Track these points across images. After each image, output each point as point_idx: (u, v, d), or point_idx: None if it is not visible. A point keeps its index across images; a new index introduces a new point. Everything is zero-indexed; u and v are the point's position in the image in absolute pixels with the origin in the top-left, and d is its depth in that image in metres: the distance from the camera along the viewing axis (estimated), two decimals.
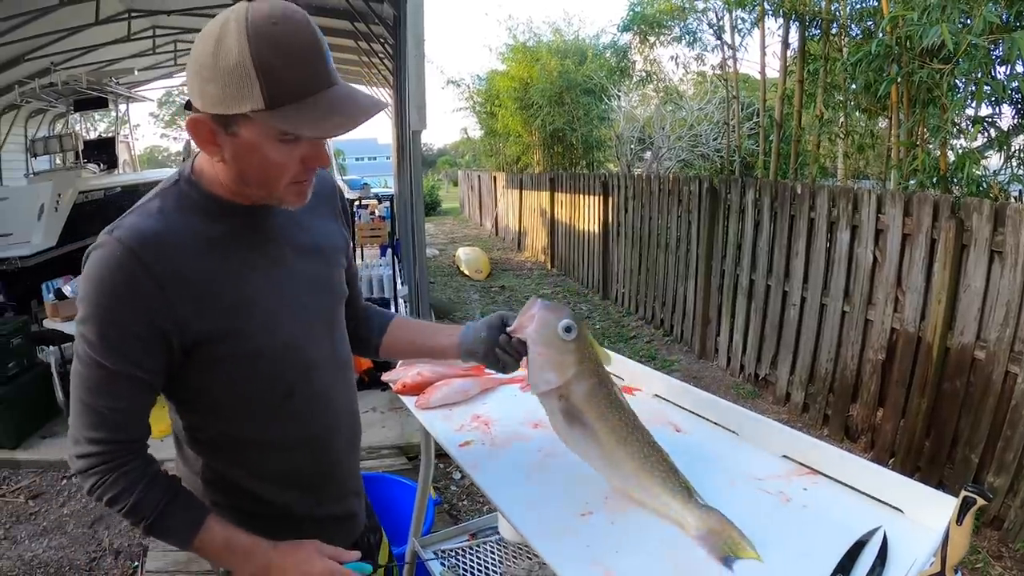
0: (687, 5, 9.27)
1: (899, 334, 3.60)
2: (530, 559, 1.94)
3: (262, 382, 1.06)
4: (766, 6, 6.11)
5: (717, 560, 0.96)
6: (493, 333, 1.19)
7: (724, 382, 5.13)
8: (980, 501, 0.87)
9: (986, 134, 3.90)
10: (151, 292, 0.93)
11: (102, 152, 9.11)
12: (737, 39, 7.85)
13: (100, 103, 9.17)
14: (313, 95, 0.89)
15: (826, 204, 4.09)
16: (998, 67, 3.76)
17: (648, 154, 11.07)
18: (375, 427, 4.05)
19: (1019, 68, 3.72)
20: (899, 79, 4.20)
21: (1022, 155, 3.93)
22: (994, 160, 4.02)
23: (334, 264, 1.19)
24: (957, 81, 3.92)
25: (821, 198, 4.13)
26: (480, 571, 1.95)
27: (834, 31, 5.64)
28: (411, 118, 3.93)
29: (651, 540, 1.02)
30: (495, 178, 15.00)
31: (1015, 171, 3.84)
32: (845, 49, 5.44)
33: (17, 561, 3.06)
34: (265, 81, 0.85)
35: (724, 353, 5.40)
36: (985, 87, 3.66)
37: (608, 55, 13.38)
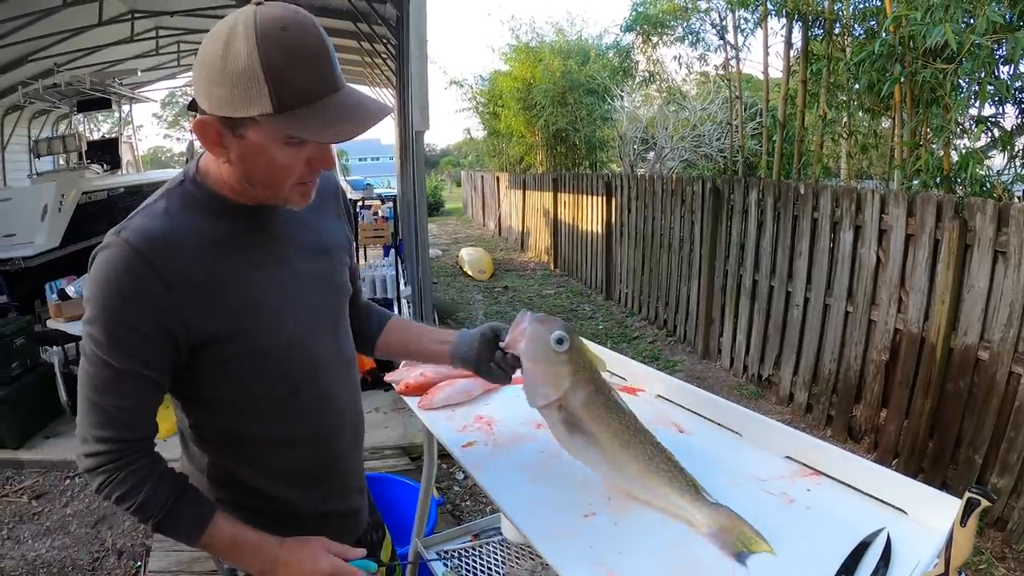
0: (690, 5, 9.23)
1: (902, 334, 3.59)
2: (533, 560, 1.94)
3: (268, 381, 1.07)
4: (769, 6, 6.09)
5: (730, 556, 0.97)
6: (485, 345, 1.22)
7: (727, 382, 5.13)
8: (984, 502, 0.87)
9: (989, 134, 3.88)
10: (158, 293, 0.93)
11: (105, 153, 9.15)
12: (740, 39, 7.78)
13: (103, 104, 9.21)
14: (320, 100, 0.90)
15: (829, 204, 4.08)
16: (1001, 67, 3.75)
17: (651, 154, 11.05)
18: (378, 427, 4.05)
19: (1023, 68, 3.71)
20: (902, 79, 4.19)
21: None
22: (998, 160, 4.00)
23: (338, 262, 1.20)
24: (960, 81, 3.90)
25: (824, 198, 4.13)
26: (483, 572, 1.94)
27: (837, 31, 5.62)
28: (414, 119, 3.93)
29: (654, 541, 1.02)
30: (498, 178, 14.99)
31: (1019, 171, 3.82)
32: (848, 49, 5.42)
33: (20, 561, 3.06)
34: (273, 85, 0.86)
35: (727, 353, 5.39)
36: (988, 87, 3.65)
37: (611, 55, 13.34)
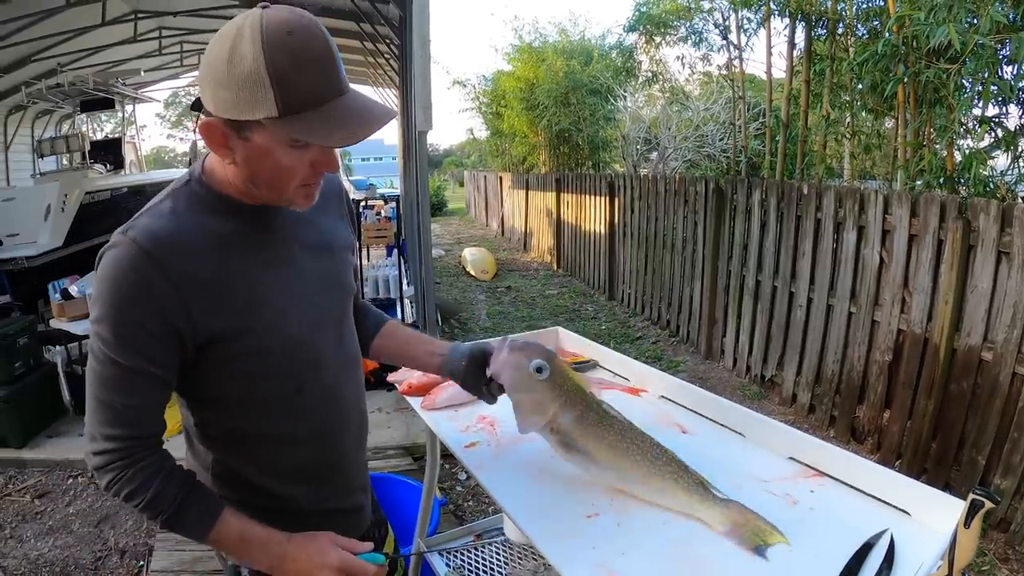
0: (693, 5, 9.22)
1: (906, 335, 3.58)
2: (535, 560, 1.94)
3: (273, 378, 1.07)
4: (772, 6, 6.09)
5: (748, 551, 0.98)
6: (474, 365, 1.26)
7: (730, 383, 5.12)
8: (988, 504, 0.87)
9: (993, 134, 3.88)
10: (165, 292, 0.94)
11: (109, 153, 9.17)
12: (743, 39, 7.79)
13: (106, 104, 9.22)
14: (326, 104, 0.90)
15: (832, 204, 4.08)
16: (1005, 67, 3.74)
17: (654, 154, 11.05)
18: (381, 428, 4.05)
19: None
20: (905, 79, 4.18)
21: None
22: (1001, 160, 4.00)
23: (342, 261, 1.21)
24: (964, 81, 3.89)
25: (827, 198, 4.12)
26: (485, 572, 1.95)
27: (840, 31, 5.62)
28: (417, 119, 3.93)
29: (657, 541, 1.02)
30: (501, 178, 14.98)
31: (1022, 171, 3.82)
32: (851, 49, 5.42)
33: (23, 560, 3.07)
34: (279, 90, 0.87)
35: (730, 354, 5.38)
36: (992, 87, 3.64)
37: (614, 55, 13.34)
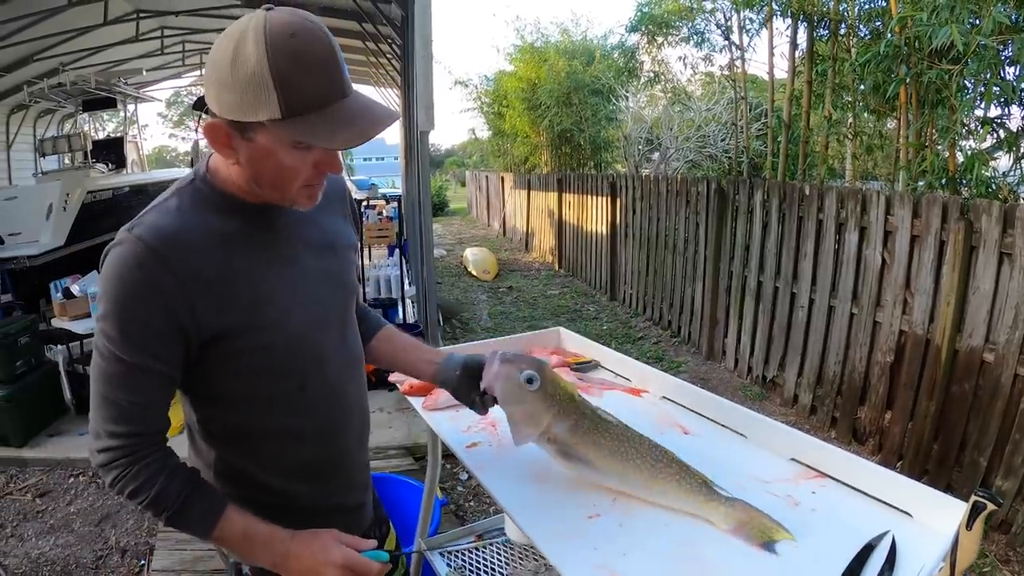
0: (695, 5, 9.21)
1: (907, 336, 3.58)
2: (536, 561, 1.94)
3: (276, 375, 1.08)
4: (774, 6, 6.08)
5: (756, 547, 0.98)
6: (467, 377, 1.29)
7: (732, 384, 5.12)
8: (990, 506, 0.86)
9: (995, 135, 3.87)
10: (171, 289, 0.94)
11: (110, 152, 9.18)
12: (745, 40, 7.79)
13: (108, 103, 9.23)
14: (329, 106, 0.91)
15: (834, 205, 4.07)
16: (1007, 68, 3.74)
17: (656, 155, 11.04)
18: (382, 427, 4.05)
19: None
20: (908, 80, 4.18)
21: None
22: (1003, 161, 3.99)
23: (345, 260, 1.22)
24: (966, 82, 3.89)
25: (829, 199, 4.12)
26: (486, 572, 1.95)
27: (842, 32, 5.62)
28: (419, 118, 3.94)
29: (659, 542, 1.02)
30: (503, 179, 14.97)
31: None
32: (853, 50, 5.41)
33: (24, 559, 3.07)
34: (282, 92, 0.88)
35: (732, 355, 5.38)
36: (994, 88, 3.64)
37: (616, 56, 13.32)
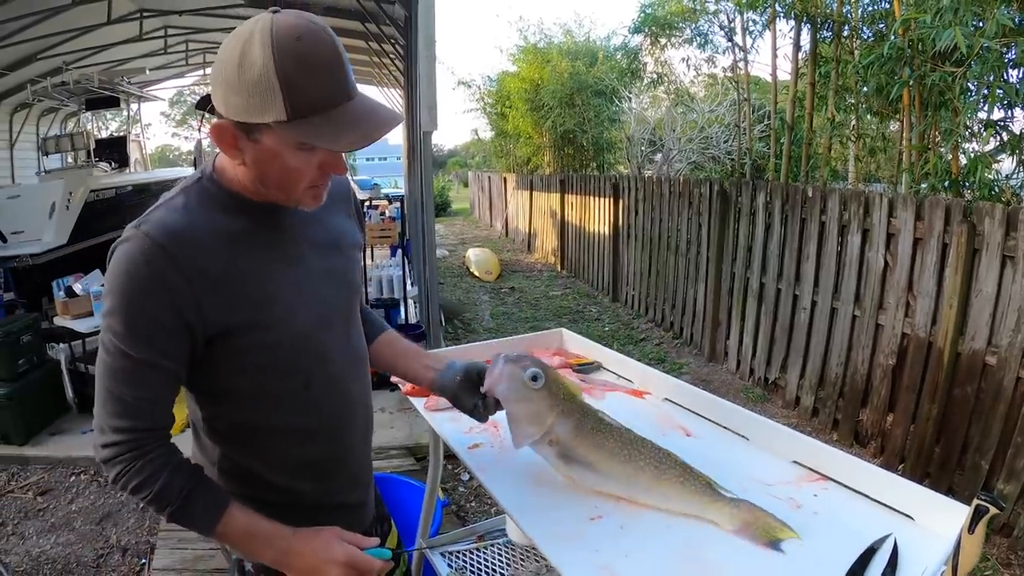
0: (698, 7, 9.21)
1: (910, 339, 3.57)
2: (538, 562, 1.94)
3: (281, 373, 1.08)
4: (777, 8, 6.07)
5: (762, 547, 0.99)
6: (467, 383, 1.28)
7: (733, 385, 5.11)
8: (992, 510, 0.86)
9: (998, 138, 3.87)
10: (178, 286, 0.95)
11: (113, 151, 9.20)
12: (748, 41, 7.78)
13: (112, 102, 9.26)
14: (334, 108, 0.92)
15: (837, 207, 4.07)
16: (1011, 70, 3.73)
17: (659, 156, 11.03)
18: (384, 428, 4.05)
19: None
20: (911, 82, 4.17)
21: None
22: (1006, 164, 3.99)
23: (350, 260, 1.23)
24: (969, 84, 3.89)
25: (832, 201, 4.11)
26: (487, 573, 1.94)
27: (846, 34, 5.61)
28: (422, 119, 3.94)
29: (661, 544, 1.02)
30: (505, 179, 14.98)
31: None
32: (857, 52, 5.41)
33: (25, 557, 3.07)
34: (287, 94, 0.89)
35: (734, 356, 5.38)
36: (998, 91, 3.63)
37: (619, 57, 13.34)
